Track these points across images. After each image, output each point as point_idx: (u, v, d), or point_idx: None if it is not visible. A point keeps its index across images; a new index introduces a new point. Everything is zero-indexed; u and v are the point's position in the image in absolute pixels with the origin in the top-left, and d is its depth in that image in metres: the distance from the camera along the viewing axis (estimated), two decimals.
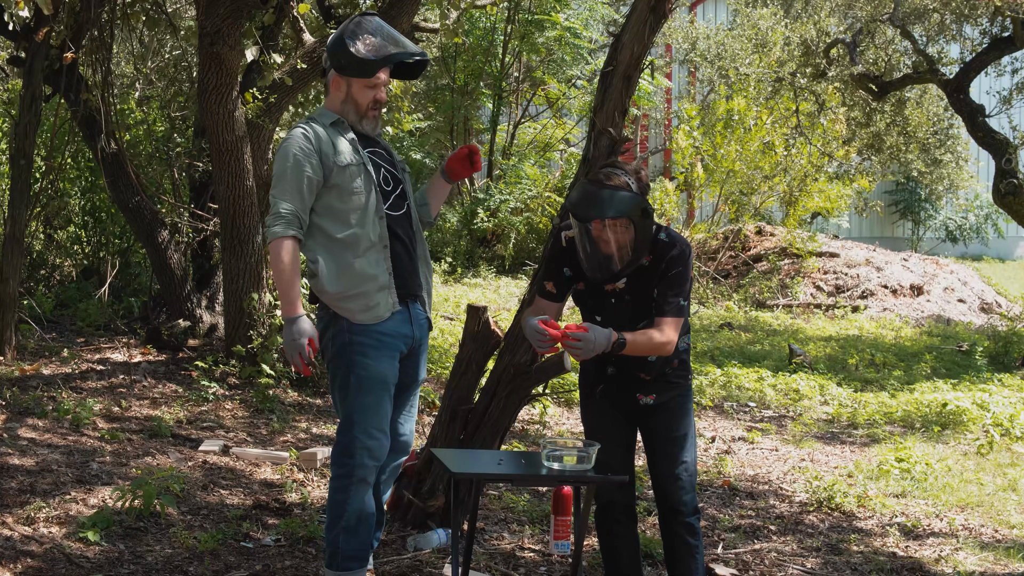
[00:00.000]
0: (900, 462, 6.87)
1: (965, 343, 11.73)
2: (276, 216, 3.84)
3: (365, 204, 3.90)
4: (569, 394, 7.95)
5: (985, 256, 20.99)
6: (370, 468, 3.92)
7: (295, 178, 3.85)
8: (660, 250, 3.89)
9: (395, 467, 4.18)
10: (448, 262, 15.11)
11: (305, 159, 3.85)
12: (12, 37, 7.99)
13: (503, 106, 17.29)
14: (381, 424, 3.91)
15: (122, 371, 7.57)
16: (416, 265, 4.05)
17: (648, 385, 3.97)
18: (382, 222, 3.93)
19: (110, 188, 8.46)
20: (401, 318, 3.96)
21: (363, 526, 3.93)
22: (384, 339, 3.91)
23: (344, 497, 3.89)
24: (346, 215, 3.89)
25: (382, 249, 3.93)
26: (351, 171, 3.90)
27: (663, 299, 3.87)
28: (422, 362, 4.13)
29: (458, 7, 8.65)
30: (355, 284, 3.88)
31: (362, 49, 3.92)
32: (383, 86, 4.01)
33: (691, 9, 20.41)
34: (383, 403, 3.92)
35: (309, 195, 3.87)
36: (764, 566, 5.02)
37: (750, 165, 15.63)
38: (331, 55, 3.97)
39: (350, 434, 3.90)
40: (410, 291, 4.01)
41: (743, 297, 14.71)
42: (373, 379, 3.89)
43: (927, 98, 16.36)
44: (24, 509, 4.79)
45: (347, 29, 3.95)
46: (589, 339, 3.69)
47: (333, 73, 3.99)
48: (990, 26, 12.18)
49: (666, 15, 4.61)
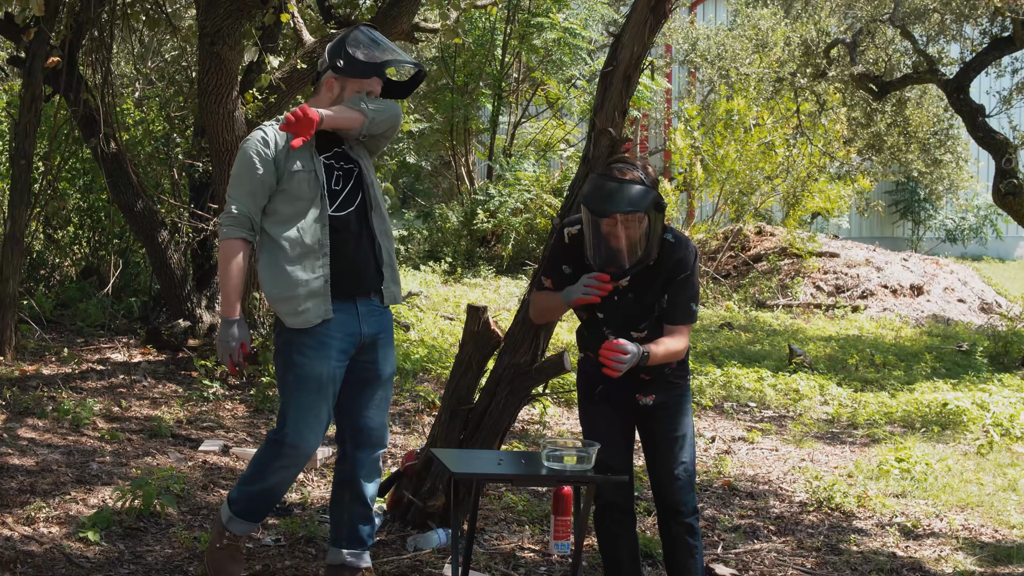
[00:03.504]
0: (900, 462, 6.87)
1: (965, 343, 11.72)
2: (227, 216, 3.98)
3: (307, 211, 3.97)
4: (569, 394, 7.95)
5: (985, 256, 21.00)
6: (301, 457, 4.03)
7: (248, 180, 3.96)
8: (666, 251, 3.89)
9: (374, 460, 4.18)
10: (448, 262, 15.11)
11: (260, 162, 3.95)
12: (12, 37, 7.99)
13: (503, 106, 17.29)
14: (313, 422, 4.00)
15: (122, 371, 7.57)
16: (369, 260, 4.07)
17: (648, 385, 3.98)
18: (324, 229, 3.99)
19: (110, 188, 8.46)
20: (346, 317, 4.00)
21: (274, 496, 4.12)
22: (325, 339, 3.97)
23: (265, 471, 4.05)
24: (288, 219, 3.97)
25: (320, 256, 3.98)
26: (300, 177, 3.97)
27: (677, 307, 3.88)
28: (383, 356, 4.14)
29: (458, 7, 8.65)
30: (285, 288, 3.96)
31: (362, 53, 4.01)
32: (374, 95, 4.08)
33: (691, 9, 20.40)
34: (317, 402, 3.99)
35: (262, 197, 3.96)
36: (764, 566, 5.02)
37: (750, 165, 15.63)
38: (331, 56, 4.05)
39: (283, 429, 4.03)
40: (361, 289, 4.05)
41: (743, 297, 14.71)
42: (309, 378, 3.97)
43: (927, 98, 16.35)
44: (24, 509, 4.79)
45: (349, 35, 4.06)
46: (633, 352, 3.70)
47: (329, 74, 4.06)
48: (990, 26, 12.18)
49: (666, 15, 4.61)
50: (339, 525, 4.20)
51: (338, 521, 4.21)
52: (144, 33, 9.54)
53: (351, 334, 4.01)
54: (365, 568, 4.20)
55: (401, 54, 4.13)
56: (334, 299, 3.98)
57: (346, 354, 4.03)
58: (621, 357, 3.68)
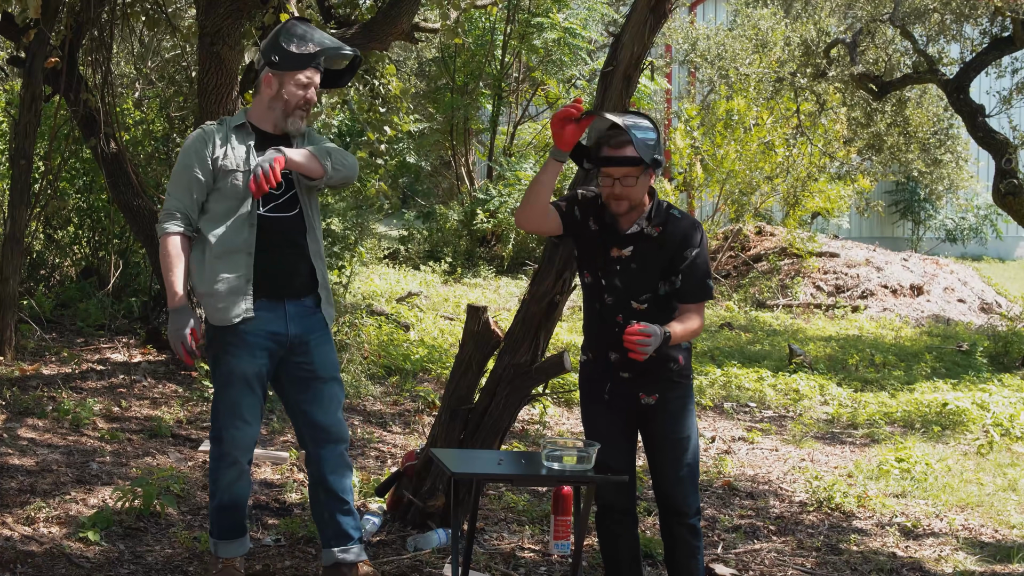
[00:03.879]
0: (900, 462, 6.87)
1: (965, 343, 11.73)
2: (164, 213, 4.08)
3: (237, 210, 4.03)
4: (569, 394, 7.95)
5: (985, 256, 21.00)
6: (239, 451, 4.10)
7: (184, 177, 4.06)
8: (672, 225, 3.90)
9: (338, 455, 4.19)
10: (448, 262, 15.11)
11: (195, 161, 4.05)
12: (12, 37, 7.98)
13: (503, 106, 17.29)
14: (243, 415, 4.08)
15: (122, 371, 7.56)
16: (301, 265, 4.11)
17: (651, 384, 3.95)
18: (252, 229, 4.03)
19: (110, 188, 8.45)
20: (272, 316, 4.05)
21: (234, 503, 4.16)
22: (248, 337, 4.03)
23: (216, 477, 4.14)
24: (218, 217, 4.04)
25: (245, 256, 4.02)
26: (234, 176, 4.04)
27: (691, 285, 3.87)
28: (319, 355, 4.16)
29: (458, 7, 8.65)
30: (207, 284, 4.04)
31: (295, 47, 4.06)
32: (313, 87, 4.12)
33: (691, 9, 20.41)
34: (244, 397, 4.07)
35: (197, 194, 4.05)
36: (764, 566, 5.02)
37: (750, 165, 15.63)
38: (265, 53, 4.10)
39: (218, 422, 4.11)
40: (291, 290, 4.09)
41: (743, 297, 14.71)
42: (234, 375, 4.05)
43: (927, 98, 16.34)
44: (24, 509, 4.79)
45: (282, 30, 4.10)
46: (656, 333, 3.67)
47: (266, 70, 4.10)
48: (990, 26, 12.18)
49: (666, 15, 4.61)
50: (322, 525, 4.24)
51: (320, 521, 4.24)
52: (144, 33, 9.53)
53: (276, 333, 4.06)
54: (360, 561, 4.20)
55: (335, 43, 4.17)
56: (262, 298, 4.04)
57: (272, 353, 4.07)
58: (645, 340, 3.65)
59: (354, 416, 7.31)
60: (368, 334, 9.10)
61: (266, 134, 4.12)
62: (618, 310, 3.90)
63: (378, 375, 8.41)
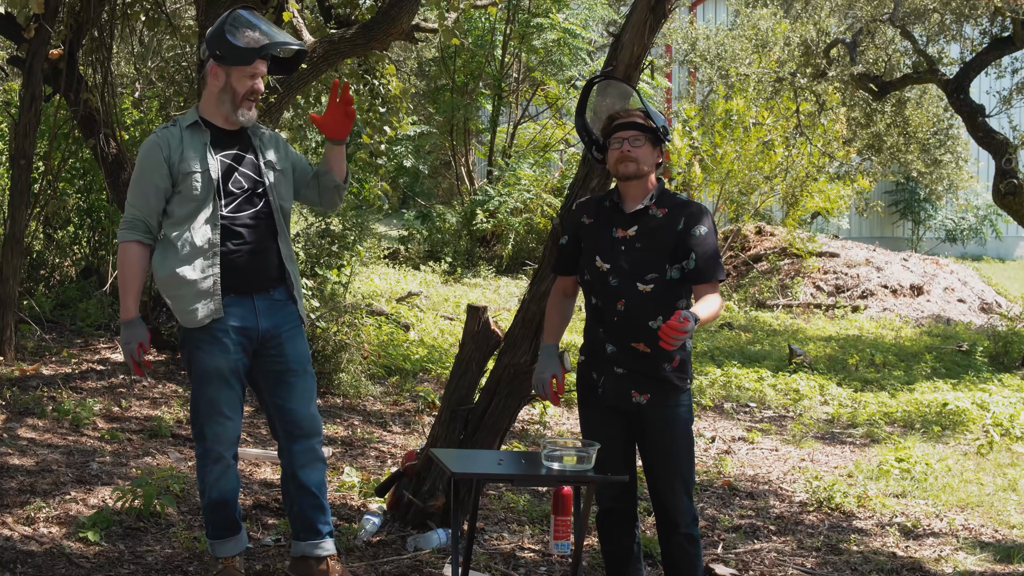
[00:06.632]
0: (900, 462, 6.87)
1: (965, 343, 11.73)
2: (123, 220, 4.09)
3: (199, 211, 4.01)
4: (569, 394, 7.95)
5: (985, 256, 21.01)
6: (223, 447, 4.10)
7: (141, 186, 4.05)
8: (677, 207, 3.90)
9: (309, 449, 4.18)
10: (448, 262, 15.11)
11: (153, 168, 4.03)
12: (12, 36, 7.98)
13: (502, 106, 17.29)
14: (222, 410, 4.08)
15: (122, 371, 7.56)
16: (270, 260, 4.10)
17: (643, 383, 3.91)
18: (215, 229, 4.01)
19: (110, 188, 8.45)
20: (242, 311, 4.05)
21: (224, 499, 4.15)
22: (219, 334, 4.03)
23: (203, 475, 4.14)
24: (181, 220, 4.02)
25: (211, 256, 4.01)
26: (194, 178, 4.01)
27: (704, 263, 3.84)
28: (291, 349, 4.15)
29: (457, 8, 8.65)
30: (173, 287, 4.02)
31: (240, 40, 4.02)
32: (260, 76, 4.10)
33: (691, 9, 20.41)
34: (221, 392, 4.07)
35: (156, 201, 4.03)
36: (764, 566, 5.02)
37: (749, 165, 15.63)
38: (210, 45, 4.06)
39: (199, 420, 4.11)
40: (259, 285, 4.08)
41: (743, 297, 14.71)
42: (209, 371, 4.05)
43: (927, 98, 16.36)
44: (24, 509, 4.79)
45: (226, 21, 4.05)
46: (691, 317, 3.59)
47: (211, 63, 4.07)
48: (990, 26, 12.18)
49: (666, 15, 4.61)
50: (293, 518, 4.24)
51: (291, 515, 4.25)
52: (144, 33, 9.53)
53: (247, 328, 4.05)
54: (328, 556, 4.20)
55: (280, 35, 4.14)
56: (231, 294, 4.03)
57: (244, 347, 4.07)
58: (686, 327, 3.54)
59: (354, 416, 7.31)
60: (368, 334, 9.10)
61: (220, 130, 4.09)
62: (622, 294, 3.86)
63: (378, 375, 8.41)
